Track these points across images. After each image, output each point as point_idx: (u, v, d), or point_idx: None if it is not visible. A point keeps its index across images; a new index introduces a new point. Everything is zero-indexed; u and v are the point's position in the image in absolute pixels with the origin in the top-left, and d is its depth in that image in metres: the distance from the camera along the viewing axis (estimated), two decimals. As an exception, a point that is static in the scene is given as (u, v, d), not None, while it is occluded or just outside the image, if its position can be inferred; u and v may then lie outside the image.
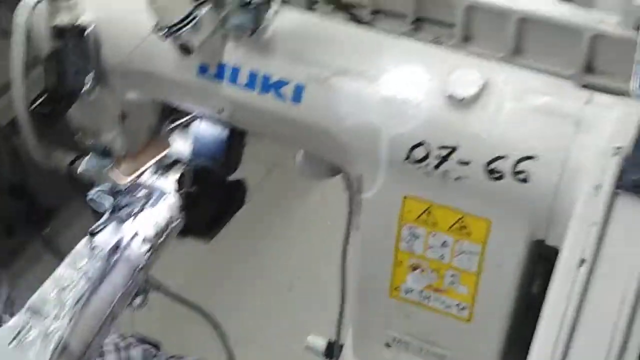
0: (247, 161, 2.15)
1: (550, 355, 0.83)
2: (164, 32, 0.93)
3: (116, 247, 1.24)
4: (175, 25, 0.92)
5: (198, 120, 1.26)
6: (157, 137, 1.23)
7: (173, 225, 1.34)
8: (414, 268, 1.01)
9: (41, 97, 1.05)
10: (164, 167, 1.35)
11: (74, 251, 1.27)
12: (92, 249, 1.25)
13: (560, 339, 0.83)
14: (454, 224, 0.96)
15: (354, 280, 1.08)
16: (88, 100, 1.08)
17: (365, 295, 1.07)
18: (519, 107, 0.89)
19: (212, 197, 1.77)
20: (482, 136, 0.90)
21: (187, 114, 1.25)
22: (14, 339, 1.16)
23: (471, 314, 1.01)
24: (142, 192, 1.31)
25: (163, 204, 1.32)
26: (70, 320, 1.18)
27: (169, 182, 1.35)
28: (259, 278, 2.59)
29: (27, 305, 1.20)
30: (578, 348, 0.83)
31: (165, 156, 1.28)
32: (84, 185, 1.59)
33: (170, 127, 1.24)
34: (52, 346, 1.15)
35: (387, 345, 1.09)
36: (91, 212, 1.46)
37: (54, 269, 2.28)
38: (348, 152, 0.97)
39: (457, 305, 1.01)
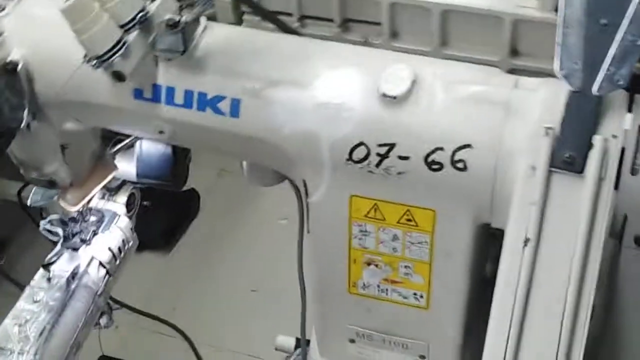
0: (196, 167, 2.14)
1: (505, 334, 0.86)
2: (94, 62, 0.94)
3: (73, 275, 1.25)
4: (105, 54, 0.93)
5: (140, 140, 1.27)
6: (101, 162, 1.23)
7: (128, 246, 1.34)
8: (369, 263, 1.03)
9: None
10: (112, 189, 1.36)
11: (31, 284, 1.27)
12: (49, 279, 1.25)
13: (514, 317, 0.86)
14: (401, 217, 0.98)
15: (311, 281, 1.10)
16: (27, 135, 1.08)
17: (324, 295, 1.09)
18: (450, 99, 0.92)
19: (165, 209, 1.75)
20: (418, 131, 0.92)
21: (129, 136, 1.26)
22: (-19, 379, 1.16)
23: (428, 301, 1.03)
24: (93, 218, 1.31)
25: (115, 227, 1.33)
26: (36, 353, 1.18)
27: (118, 205, 1.35)
28: (221, 283, 2.60)
29: (-10, 344, 1.20)
30: (532, 325, 0.86)
31: (112, 179, 1.28)
32: (36, 212, 1.59)
33: (114, 150, 1.25)
34: (19, 383, 1.15)
35: (351, 340, 1.11)
36: (46, 238, 1.46)
37: (16, 298, 2.25)
38: (290, 159, 0.98)
39: (414, 294, 1.03)
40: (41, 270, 1.27)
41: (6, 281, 2.56)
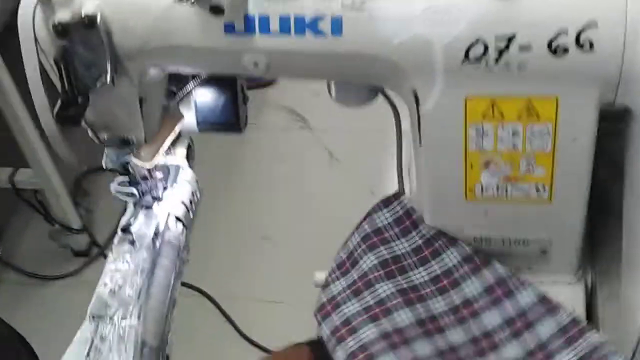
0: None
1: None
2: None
3: (156, 233, 1.21)
4: (200, -12, 0.88)
5: (195, 88, 1.22)
6: (167, 113, 1.18)
7: (197, 198, 1.31)
8: (487, 165, 1.01)
9: (60, 100, 1.00)
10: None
11: (113, 249, 1.23)
12: (132, 242, 1.21)
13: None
14: (522, 110, 0.96)
15: (424, 195, 1.07)
16: (105, 93, 1.03)
17: (439, 208, 1.07)
18: (568, -23, 0.89)
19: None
20: (538, 17, 0.90)
21: (184, 85, 1.22)
22: (90, 351, 1.12)
23: (551, 193, 1.02)
24: (159, 174, 1.27)
25: (182, 180, 1.29)
26: (139, 316, 1.14)
27: (178, 158, 1.31)
28: (231, 235, 2.57)
29: (88, 314, 1.16)
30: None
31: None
32: (30, 195, 1.50)
33: (178, 99, 1.21)
34: (131, 348, 1.11)
35: (468, 247, 1.10)
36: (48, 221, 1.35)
37: (19, 285, 2.19)
38: (400, 71, 0.95)
39: (536, 188, 1.02)
40: (120, 234, 1.23)
41: (8, 269, 2.49)
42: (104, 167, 1.15)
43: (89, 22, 0.96)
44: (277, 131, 2.83)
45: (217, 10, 0.91)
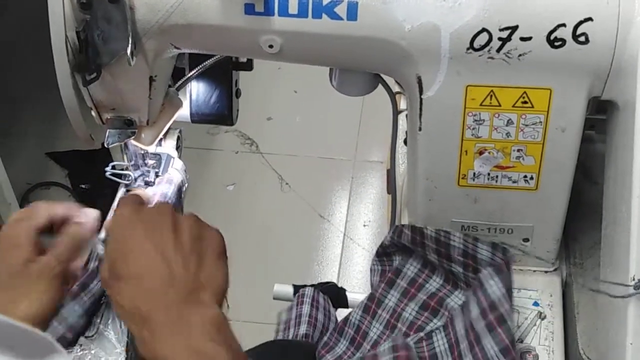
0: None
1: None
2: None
3: (149, 218, 1.23)
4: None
5: (191, 79, 1.27)
6: (167, 98, 1.22)
7: (185, 187, 1.34)
8: (481, 153, 1.08)
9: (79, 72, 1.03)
10: (158, 134, 1.35)
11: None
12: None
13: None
14: (517, 100, 1.03)
15: (418, 180, 1.13)
16: (117, 70, 1.07)
17: (431, 192, 1.13)
18: (569, -26, 0.98)
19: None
20: (539, 10, 0.97)
21: (183, 75, 1.26)
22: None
23: (538, 182, 1.09)
24: (150, 161, 1.30)
25: (173, 169, 1.32)
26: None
27: (169, 148, 1.35)
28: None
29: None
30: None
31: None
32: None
33: (176, 85, 1.25)
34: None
35: (456, 234, 1.16)
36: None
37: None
38: (408, 57, 1.02)
39: (525, 177, 1.09)
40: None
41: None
42: (105, 145, 1.17)
43: (110, -3, 1.00)
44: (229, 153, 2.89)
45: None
